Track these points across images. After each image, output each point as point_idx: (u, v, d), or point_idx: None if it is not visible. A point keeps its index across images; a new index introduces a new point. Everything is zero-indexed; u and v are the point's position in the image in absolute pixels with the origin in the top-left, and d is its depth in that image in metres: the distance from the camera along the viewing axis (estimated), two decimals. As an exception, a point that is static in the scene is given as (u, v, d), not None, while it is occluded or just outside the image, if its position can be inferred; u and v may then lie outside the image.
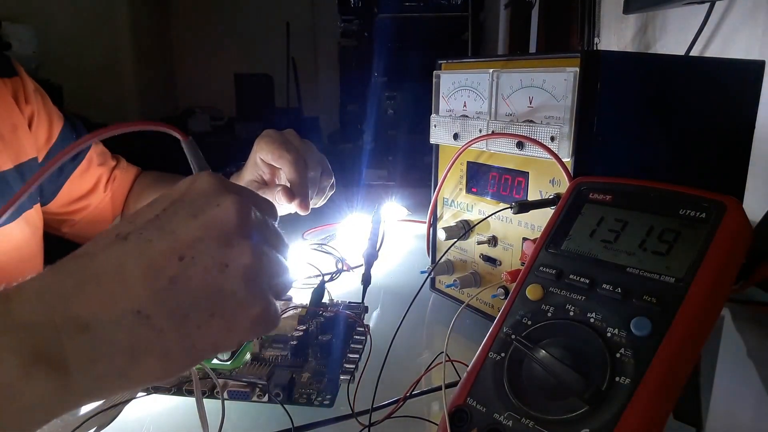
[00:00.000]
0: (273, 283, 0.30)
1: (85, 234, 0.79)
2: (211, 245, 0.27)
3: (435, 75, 0.59)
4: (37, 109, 0.69)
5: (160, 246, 0.27)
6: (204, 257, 0.27)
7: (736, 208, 0.31)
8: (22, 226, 0.66)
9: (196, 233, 0.27)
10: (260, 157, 0.64)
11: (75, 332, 0.25)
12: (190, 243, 0.27)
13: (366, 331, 0.50)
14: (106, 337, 0.25)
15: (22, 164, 0.66)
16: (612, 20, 1.31)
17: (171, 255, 0.27)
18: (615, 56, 0.47)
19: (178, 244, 0.27)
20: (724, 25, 0.89)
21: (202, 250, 0.27)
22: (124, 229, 0.28)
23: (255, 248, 0.28)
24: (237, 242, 0.28)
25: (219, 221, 0.28)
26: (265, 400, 0.41)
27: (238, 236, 0.28)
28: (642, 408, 0.27)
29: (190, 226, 0.28)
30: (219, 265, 0.27)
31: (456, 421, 0.31)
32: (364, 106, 2.43)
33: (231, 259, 0.27)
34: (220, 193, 0.29)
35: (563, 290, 0.33)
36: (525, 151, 0.48)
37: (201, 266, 0.27)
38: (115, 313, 0.26)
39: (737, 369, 0.51)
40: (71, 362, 0.25)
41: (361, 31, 2.61)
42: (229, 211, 0.28)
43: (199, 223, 0.28)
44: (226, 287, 0.27)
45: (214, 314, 0.27)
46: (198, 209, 0.28)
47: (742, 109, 0.57)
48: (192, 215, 0.28)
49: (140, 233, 0.27)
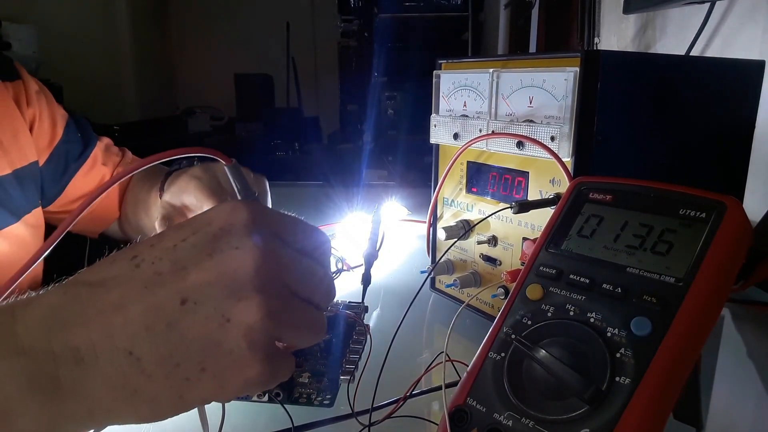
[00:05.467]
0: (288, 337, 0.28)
1: (87, 230, 0.79)
2: (217, 293, 0.25)
3: (435, 75, 0.59)
4: (40, 111, 0.69)
5: (166, 283, 0.25)
6: (207, 306, 0.25)
7: (736, 208, 0.31)
8: (21, 228, 0.66)
9: (205, 275, 0.25)
10: (186, 202, 0.59)
11: (71, 363, 0.25)
12: (196, 286, 0.25)
13: (366, 331, 0.50)
14: (98, 373, 0.25)
15: (21, 169, 0.65)
16: (612, 20, 1.31)
17: (174, 295, 0.25)
18: (615, 56, 0.47)
19: (184, 285, 0.25)
20: (724, 25, 0.89)
21: (207, 297, 0.25)
22: (141, 253, 0.26)
23: (266, 307, 0.25)
24: (246, 296, 0.25)
25: (232, 267, 0.25)
26: (265, 400, 0.41)
27: (249, 289, 0.25)
28: (642, 408, 0.27)
29: (202, 266, 0.25)
30: (221, 317, 0.25)
31: (456, 421, 0.31)
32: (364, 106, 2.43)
33: (235, 314, 0.25)
34: (247, 232, 0.26)
35: (563, 290, 0.33)
36: (525, 151, 0.48)
37: (202, 315, 0.25)
38: (110, 349, 0.25)
39: (737, 369, 0.51)
40: (65, 392, 0.25)
41: (361, 31, 2.61)
42: (246, 257, 0.25)
43: (212, 263, 0.25)
44: (223, 343, 0.25)
45: (206, 369, 0.25)
46: (217, 247, 0.26)
47: (742, 109, 0.57)
48: (209, 253, 0.26)
49: (152, 263, 0.26)
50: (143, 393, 0.25)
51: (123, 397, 0.25)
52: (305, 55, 3.39)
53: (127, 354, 0.25)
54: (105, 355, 0.25)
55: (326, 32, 3.26)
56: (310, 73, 3.42)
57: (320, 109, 3.39)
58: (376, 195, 0.91)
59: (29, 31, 2.23)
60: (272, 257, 0.26)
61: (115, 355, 0.25)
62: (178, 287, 0.25)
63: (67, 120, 0.73)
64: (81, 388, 0.25)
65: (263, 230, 0.27)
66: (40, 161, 0.69)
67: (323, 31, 3.38)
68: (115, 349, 0.25)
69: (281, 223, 0.29)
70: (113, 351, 0.25)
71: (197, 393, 0.26)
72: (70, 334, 0.25)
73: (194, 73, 3.57)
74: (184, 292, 0.25)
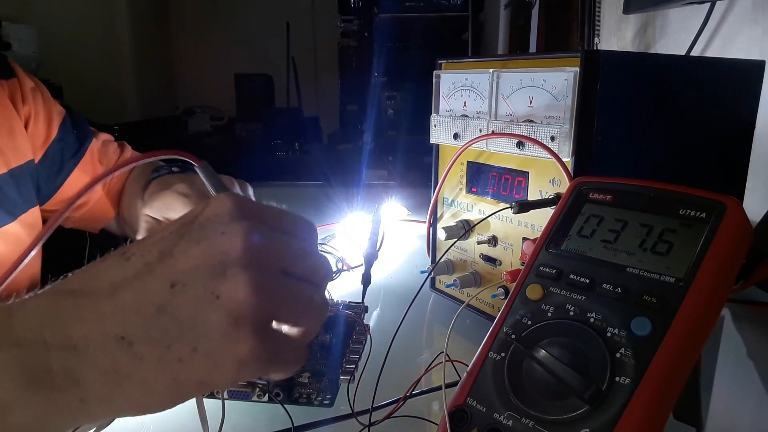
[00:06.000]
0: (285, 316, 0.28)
1: (86, 227, 0.78)
2: (205, 274, 0.26)
3: (435, 75, 0.59)
4: (35, 108, 0.68)
5: (155, 271, 0.26)
6: (196, 286, 0.25)
7: (736, 208, 0.31)
8: (18, 228, 0.66)
9: (193, 261, 0.26)
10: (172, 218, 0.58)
11: (63, 352, 0.25)
12: (185, 270, 0.26)
13: (366, 330, 0.50)
14: (89, 360, 0.25)
15: (17, 168, 0.65)
16: (612, 20, 1.31)
17: (163, 281, 0.26)
18: (615, 56, 0.47)
19: (173, 270, 0.26)
20: (724, 26, 0.89)
21: (196, 279, 0.26)
22: (130, 249, 0.27)
23: (254, 281, 0.26)
24: (233, 273, 0.26)
25: (219, 250, 0.26)
26: (265, 399, 0.41)
27: (236, 267, 0.26)
28: (642, 408, 0.27)
29: (189, 253, 0.26)
30: (209, 295, 0.25)
31: (456, 420, 0.31)
32: (364, 106, 2.43)
33: (224, 291, 0.25)
34: (231, 219, 0.27)
35: (563, 290, 0.33)
36: (525, 151, 0.48)
37: (191, 295, 0.25)
38: (101, 336, 0.25)
39: (737, 369, 0.51)
40: (58, 382, 0.25)
41: (361, 31, 2.61)
42: (233, 239, 0.26)
43: (199, 249, 0.26)
44: (212, 320, 0.25)
45: (197, 348, 0.25)
46: (203, 235, 0.27)
47: (742, 109, 0.57)
48: (196, 241, 0.26)
49: (142, 255, 0.27)
50: (135, 377, 0.25)
51: (115, 382, 0.25)
52: (305, 55, 3.39)
53: (118, 339, 0.25)
54: (96, 341, 0.25)
55: (326, 32, 3.26)
56: (310, 73, 3.42)
57: (320, 109, 3.39)
58: (376, 195, 0.91)
59: (29, 31, 2.23)
60: (258, 237, 0.27)
61: (107, 342, 0.25)
62: (167, 272, 0.26)
63: (63, 117, 0.72)
64: (73, 376, 0.25)
65: (248, 216, 0.27)
66: (36, 159, 0.69)
67: (323, 31, 3.38)
68: (107, 335, 0.25)
69: (264, 210, 0.29)
70: (105, 337, 0.25)
71: (191, 374, 0.26)
72: (62, 325, 0.25)
73: (194, 73, 3.57)
74: (173, 276, 0.26)
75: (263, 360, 0.26)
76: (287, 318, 0.29)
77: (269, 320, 0.27)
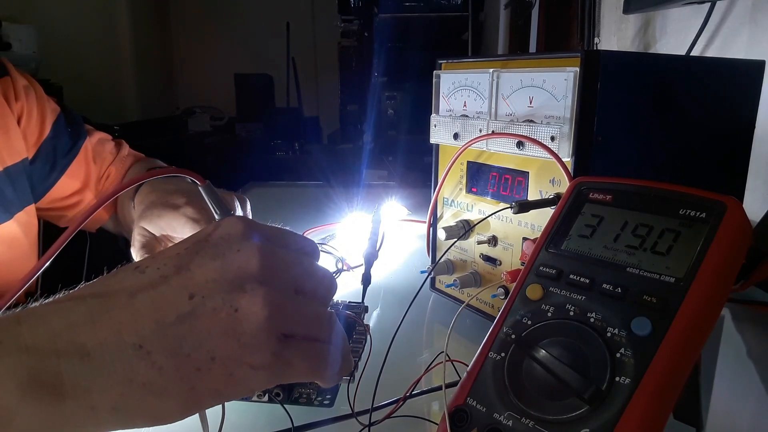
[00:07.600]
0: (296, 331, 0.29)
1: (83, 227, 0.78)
2: (224, 287, 0.27)
3: (435, 75, 0.59)
4: (28, 105, 0.67)
5: (173, 282, 0.27)
6: (214, 298, 0.26)
7: (736, 208, 0.31)
8: (14, 227, 0.65)
9: (211, 275, 0.27)
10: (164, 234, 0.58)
11: (75, 359, 0.25)
12: (203, 283, 0.27)
13: (366, 330, 0.50)
14: (104, 367, 0.25)
15: (12, 166, 0.64)
16: (612, 20, 1.32)
17: (182, 292, 0.26)
18: (615, 56, 0.47)
19: (191, 283, 0.27)
20: (724, 26, 0.89)
21: (214, 291, 0.27)
22: (143, 263, 0.28)
23: (270, 296, 0.27)
24: (251, 287, 0.27)
25: (237, 266, 0.27)
26: (265, 400, 0.41)
27: (254, 282, 0.27)
28: (642, 408, 0.27)
29: (206, 267, 0.27)
30: (228, 308, 0.26)
31: (456, 421, 0.31)
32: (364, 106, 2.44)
33: (242, 304, 0.27)
34: (245, 238, 0.28)
35: (563, 290, 0.33)
36: (525, 151, 0.48)
37: (210, 306, 0.26)
38: (118, 344, 0.25)
39: (737, 369, 0.51)
40: (67, 389, 0.25)
41: (361, 31, 2.61)
42: (250, 257, 0.28)
43: (217, 264, 0.27)
44: (232, 331, 0.26)
45: (215, 358, 0.26)
46: (219, 253, 0.28)
47: (742, 109, 0.57)
48: (211, 257, 0.28)
49: (158, 268, 0.27)
50: (153, 386, 0.25)
51: (130, 391, 0.25)
52: (305, 55, 3.39)
53: (136, 348, 0.25)
54: (113, 349, 0.25)
55: (326, 32, 3.26)
56: (310, 73, 3.42)
57: (320, 109, 3.39)
58: (376, 195, 0.91)
59: (29, 31, 2.23)
60: (273, 255, 0.29)
61: (124, 350, 0.25)
62: (184, 284, 0.27)
63: (57, 115, 0.71)
64: (84, 384, 0.25)
65: (258, 237, 0.29)
66: (29, 156, 0.68)
67: (323, 31, 3.38)
68: (124, 343, 0.25)
69: (272, 231, 0.31)
70: (121, 345, 0.25)
71: (208, 383, 0.26)
72: (76, 333, 0.25)
73: (194, 73, 3.57)
74: (191, 288, 0.27)
75: (276, 370, 0.28)
76: (298, 331, 0.29)
77: (283, 333, 0.28)
